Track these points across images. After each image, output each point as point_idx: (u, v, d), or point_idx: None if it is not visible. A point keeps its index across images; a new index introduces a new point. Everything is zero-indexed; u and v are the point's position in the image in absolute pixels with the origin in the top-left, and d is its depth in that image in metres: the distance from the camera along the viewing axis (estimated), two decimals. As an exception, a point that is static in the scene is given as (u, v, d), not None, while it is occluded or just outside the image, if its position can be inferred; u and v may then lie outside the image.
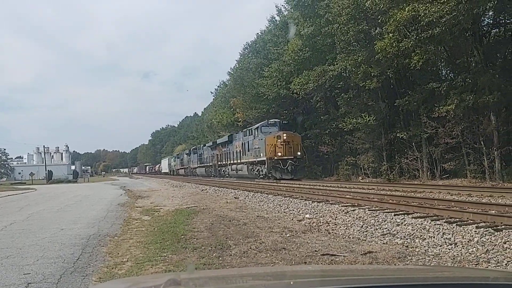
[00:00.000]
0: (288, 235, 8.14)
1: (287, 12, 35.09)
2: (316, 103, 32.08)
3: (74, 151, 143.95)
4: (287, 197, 15.36)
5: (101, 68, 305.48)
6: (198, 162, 51.41)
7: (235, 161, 35.84)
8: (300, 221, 10.21)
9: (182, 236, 8.17)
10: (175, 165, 69.72)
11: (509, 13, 18.73)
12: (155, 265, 6.06)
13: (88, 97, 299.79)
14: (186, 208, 13.85)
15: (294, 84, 29.30)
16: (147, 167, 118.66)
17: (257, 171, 30.73)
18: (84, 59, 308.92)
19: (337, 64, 25.43)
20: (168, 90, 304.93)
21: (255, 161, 30.78)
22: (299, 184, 22.24)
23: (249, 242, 7.47)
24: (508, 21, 20.34)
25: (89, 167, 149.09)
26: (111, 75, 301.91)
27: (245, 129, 34.38)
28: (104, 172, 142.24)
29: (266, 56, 36.54)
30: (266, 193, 17.57)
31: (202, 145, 52.88)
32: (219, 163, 41.68)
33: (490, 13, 19.82)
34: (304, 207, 12.47)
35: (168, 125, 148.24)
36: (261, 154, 29.21)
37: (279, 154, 27.63)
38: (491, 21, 20.93)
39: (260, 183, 24.87)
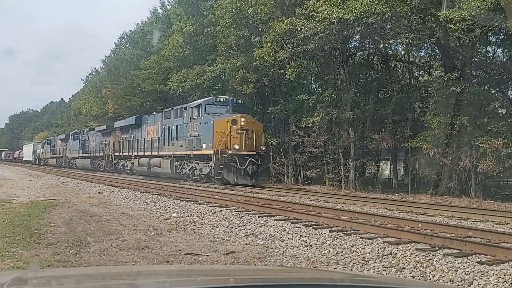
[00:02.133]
0: (152, 233, 8.00)
1: (170, 6, 34.60)
2: (193, 103, 32.04)
3: None
4: (155, 195, 15.07)
5: None
6: (81, 151, 40.10)
7: (147, 153, 26.22)
8: (166, 219, 10.10)
9: (36, 231, 7.55)
10: (43, 152, 57.93)
11: (372, 39, 20.78)
12: (2, 261, 5.53)
13: None
14: (43, 200, 12.82)
15: (172, 81, 28.88)
16: (3, 153, 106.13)
17: (190, 169, 21.78)
18: None
19: (216, 65, 25.71)
20: (32, 71, 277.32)
21: (189, 155, 21.64)
22: (168, 183, 21.87)
23: (110, 239, 7.18)
24: (371, 46, 22.62)
25: None
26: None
27: (169, 109, 25.07)
28: None
29: (145, 48, 35.46)
30: (133, 190, 17.02)
31: (87, 129, 41.23)
32: (116, 154, 31.53)
33: (357, 37, 21.77)
34: (172, 206, 12.36)
35: (30, 109, 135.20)
36: (204, 145, 20.43)
37: (236, 147, 19.36)
38: (357, 44, 23.10)
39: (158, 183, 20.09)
